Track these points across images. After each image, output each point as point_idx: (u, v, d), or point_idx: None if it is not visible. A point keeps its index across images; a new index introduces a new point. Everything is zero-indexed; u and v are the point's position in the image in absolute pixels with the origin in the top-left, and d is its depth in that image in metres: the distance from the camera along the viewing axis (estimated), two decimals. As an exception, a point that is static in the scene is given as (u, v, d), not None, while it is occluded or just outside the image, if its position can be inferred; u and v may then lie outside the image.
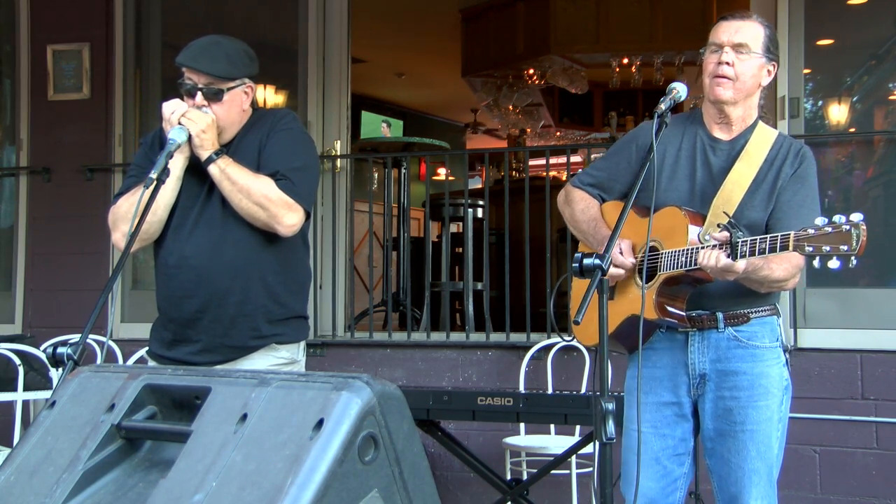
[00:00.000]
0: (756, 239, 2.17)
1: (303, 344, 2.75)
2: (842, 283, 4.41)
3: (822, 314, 4.28)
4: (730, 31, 2.48)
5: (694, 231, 2.39)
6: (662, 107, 2.37)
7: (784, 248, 2.10)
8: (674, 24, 7.10)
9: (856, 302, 4.29)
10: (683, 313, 2.43)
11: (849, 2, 4.61)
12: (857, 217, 2.02)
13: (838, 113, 4.56)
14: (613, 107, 8.61)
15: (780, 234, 2.13)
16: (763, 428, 2.44)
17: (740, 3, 5.35)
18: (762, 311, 2.48)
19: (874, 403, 4.10)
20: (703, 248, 2.28)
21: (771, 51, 2.50)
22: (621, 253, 2.47)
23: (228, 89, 2.59)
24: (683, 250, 2.34)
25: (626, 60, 7.87)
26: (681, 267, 2.33)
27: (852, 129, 4.59)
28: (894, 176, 4.48)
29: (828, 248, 2.02)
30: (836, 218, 2.04)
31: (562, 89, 8.57)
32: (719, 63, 2.46)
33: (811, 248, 2.05)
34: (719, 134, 2.55)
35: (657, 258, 2.42)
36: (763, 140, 2.51)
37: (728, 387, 2.46)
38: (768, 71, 2.52)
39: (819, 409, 4.15)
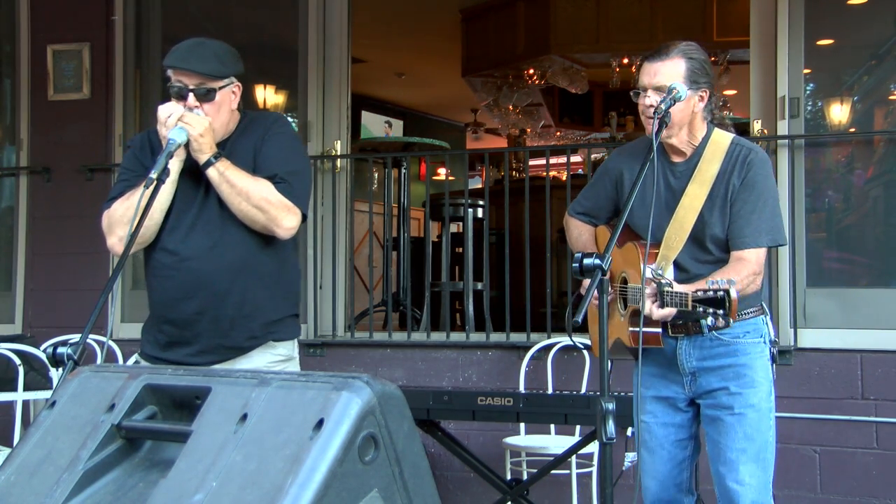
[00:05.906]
0: (674, 292, 2.35)
1: (297, 341, 2.78)
2: (842, 282, 4.41)
3: (822, 314, 4.28)
4: (650, 74, 2.56)
5: (648, 266, 2.51)
6: (662, 107, 2.39)
7: (684, 305, 2.30)
8: (674, 24, 7.09)
9: (856, 302, 4.29)
10: (658, 331, 2.55)
11: (849, 2, 4.61)
12: (728, 284, 2.24)
13: (838, 113, 4.56)
14: (613, 107, 8.61)
15: (681, 292, 2.32)
16: (750, 413, 2.56)
17: (740, 4, 5.36)
18: (746, 313, 2.58)
19: (874, 403, 4.10)
20: (646, 291, 2.43)
21: (697, 80, 2.55)
22: None
23: (219, 88, 2.57)
24: (638, 288, 2.48)
25: (626, 60, 7.87)
26: (638, 303, 2.48)
27: (852, 129, 4.59)
28: (894, 176, 4.48)
29: (710, 310, 2.26)
30: (718, 281, 2.26)
31: (562, 89, 8.57)
32: (646, 106, 2.55)
33: (702, 309, 2.26)
34: (676, 158, 2.64)
35: (626, 290, 2.61)
36: (715, 153, 2.59)
37: (717, 379, 2.59)
38: (700, 97, 2.58)
39: (819, 409, 4.15)
